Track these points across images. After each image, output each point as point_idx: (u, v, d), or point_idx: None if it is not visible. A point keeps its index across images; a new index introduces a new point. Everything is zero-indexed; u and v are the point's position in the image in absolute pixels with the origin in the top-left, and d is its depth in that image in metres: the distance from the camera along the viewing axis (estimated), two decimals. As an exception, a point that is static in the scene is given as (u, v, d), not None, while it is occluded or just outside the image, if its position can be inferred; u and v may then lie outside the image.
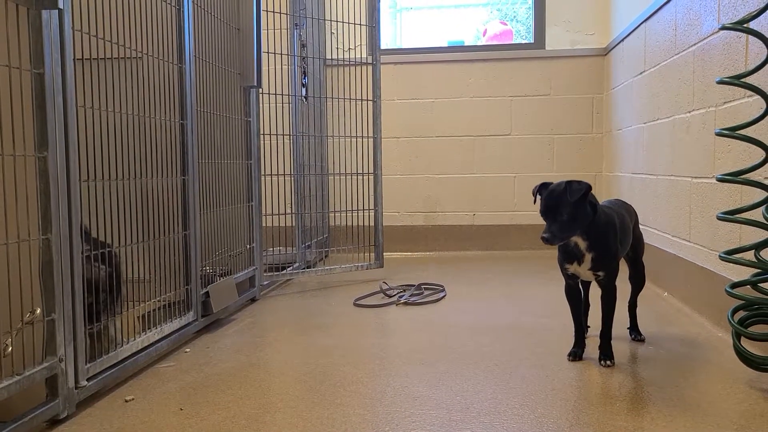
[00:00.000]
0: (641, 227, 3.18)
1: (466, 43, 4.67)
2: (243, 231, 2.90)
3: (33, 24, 1.48)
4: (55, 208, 1.53)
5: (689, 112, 2.60)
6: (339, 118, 4.18)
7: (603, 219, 1.86)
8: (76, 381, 1.61)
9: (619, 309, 2.02)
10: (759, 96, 1.73)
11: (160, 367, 1.99)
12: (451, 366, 1.95)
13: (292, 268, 3.48)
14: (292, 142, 3.61)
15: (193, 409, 1.64)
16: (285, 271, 3.35)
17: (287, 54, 3.52)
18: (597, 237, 1.85)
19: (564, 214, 1.75)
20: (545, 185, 1.82)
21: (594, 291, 2.05)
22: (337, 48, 4.34)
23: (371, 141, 3.61)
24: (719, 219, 1.82)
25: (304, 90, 3.64)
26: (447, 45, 4.56)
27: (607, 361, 1.92)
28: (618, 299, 1.96)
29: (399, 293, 3.02)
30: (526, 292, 3.05)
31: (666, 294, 2.86)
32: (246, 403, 1.68)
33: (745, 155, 2.08)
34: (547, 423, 1.52)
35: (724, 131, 1.78)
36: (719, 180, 1.80)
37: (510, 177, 4.35)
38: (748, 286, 1.77)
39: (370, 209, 3.64)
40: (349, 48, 4.32)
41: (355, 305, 2.84)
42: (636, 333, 2.19)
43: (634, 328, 2.21)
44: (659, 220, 3.02)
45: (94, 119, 1.73)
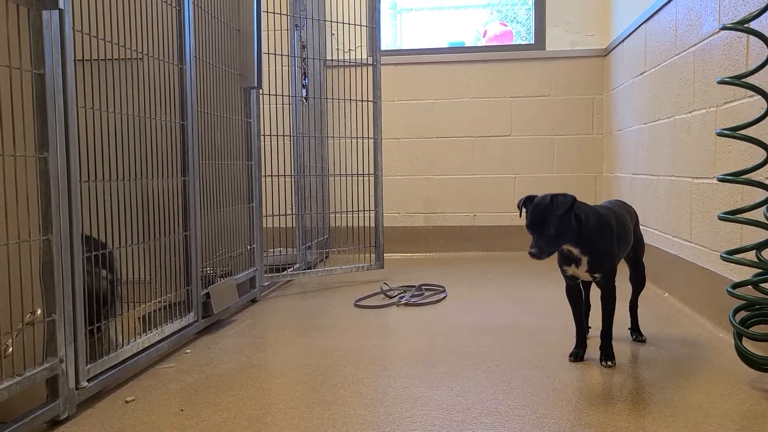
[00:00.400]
0: (642, 228, 3.17)
1: (466, 44, 4.67)
2: (243, 232, 2.90)
3: (34, 24, 1.48)
4: (56, 208, 1.53)
5: (690, 112, 2.60)
6: (339, 119, 4.18)
7: (597, 222, 1.85)
8: (76, 382, 1.61)
9: (620, 310, 2.02)
10: (760, 96, 1.72)
11: (160, 368, 1.98)
12: (452, 367, 1.95)
13: (292, 269, 3.48)
14: (292, 143, 3.61)
15: (194, 410, 1.64)
16: (285, 272, 3.35)
17: (287, 55, 3.52)
18: (590, 241, 1.84)
19: (551, 228, 1.74)
20: (530, 198, 1.80)
21: (595, 291, 2.05)
22: (338, 49, 4.34)
23: (372, 142, 3.61)
24: (720, 219, 1.81)
25: (304, 91, 3.64)
26: (447, 46, 4.56)
27: (608, 362, 1.92)
28: (618, 300, 1.96)
29: (400, 294, 3.02)
30: (526, 292, 3.05)
31: (667, 294, 2.86)
32: (247, 404, 1.67)
33: (746, 155, 2.08)
34: (549, 424, 1.51)
35: (725, 131, 1.78)
36: (720, 180, 1.80)
37: (510, 178, 4.35)
38: (749, 286, 1.77)
39: (370, 210, 3.64)
40: (350, 49, 4.32)
41: (356, 306, 2.83)
42: (637, 333, 2.19)
43: (635, 328, 2.20)
44: (660, 220, 3.02)
45: (94, 120, 1.73)
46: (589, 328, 2.20)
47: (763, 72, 1.79)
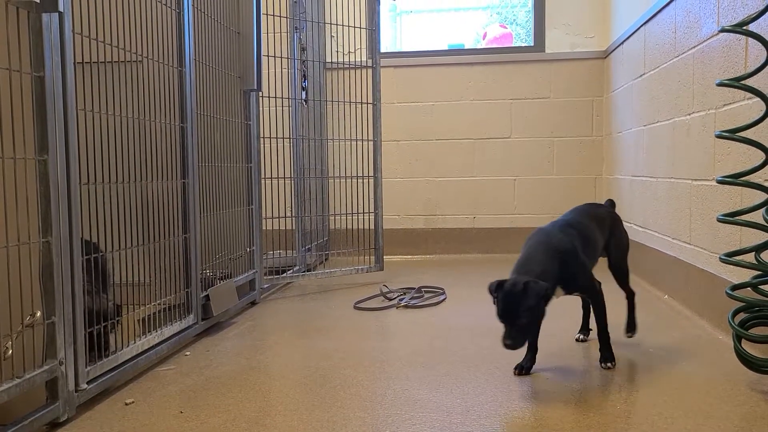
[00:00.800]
0: (641, 230, 3.15)
1: (466, 47, 4.67)
2: (243, 234, 2.90)
3: (33, 27, 1.48)
4: (56, 211, 1.53)
5: (689, 114, 2.60)
6: (339, 121, 4.18)
7: (554, 258, 1.78)
8: (76, 384, 1.61)
9: (619, 315, 2.02)
10: (759, 98, 1.73)
11: (160, 370, 1.98)
12: (452, 369, 1.95)
13: (292, 271, 3.48)
14: (292, 145, 3.61)
15: (194, 412, 1.64)
16: (285, 275, 3.35)
17: (287, 57, 3.53)
18: (557, 278, 1.78)
19: (523, 317, 1.68)
20: (501, 284, 1.72)
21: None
22: (337, 51, 4.35)
23: (371, 144, 3.62)
24: (719, 221, 1.82)
25: (304, 93, 3.64)
26: (447, 48, 4.56)
27: (608, 363, 1.92)
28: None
29: (399, 296, 3.02)
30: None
31: (666, 296, 2.86)
32: (246, 406, 1.67)
33: (745, 157, 2.09)
34: (549, 426, 1.51)
35: (724, 133, 1.78)
36: (719, 182, 1.80)
37: (510, 180, 4.35)
38: (748, 288, 1.77)
39: (370, 212, 3.64)
40: (349, 51, 4.32)
41: (356, 308, 2.83)
42: (628, 327, 2.15)
43: (629, 320, 2.16)
44: (659, 222, 3.02)
45: (94, 122, 1.73)
46: (591, 330, 2.20)
47: (762, 74, 1.80)
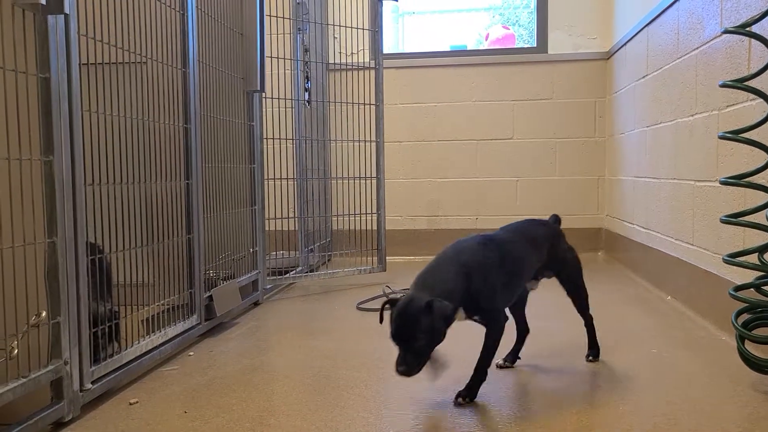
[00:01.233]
0: (644, 231, 3.15)
1: (468, 48, 4.68)
2: (246, 235, 2.91)
3: (39, 29, 1.49)
4: (61, 211, 1.54)
5: (692, 115, 2.60)
6: (342, 122, 4.18)
7: (460, 275, 1.57)
8: (81, 384, 1.61)
9: (620, 317, 2.01)
10: (762, 99, 1.73)
11: (164, 371, 1.99)
12: (455, 369, 1.95)
13: (295, 271, 3.49)
14: (294, 146, 3.61)
15: (197, 412, 1.64)
16: (288, 275, 3.35)
17: (290, 59, 3.53)
18: (460, 299, 1.57)
19: (422, 339, 1.47)
20: (393, 301, 1.51)
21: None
22: (340, 52, 4.35)
23: (374, 145, 3.62)
24: (723, 222, 1.82)
25: (306, 94, 3.65)
26: (449, 49, 4.57)
27: (463, 399, 1.65)
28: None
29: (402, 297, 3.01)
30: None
31: (669, 297, 2.86)
32: (249, 406, 1.68)
33: (749, 158, 2.09)
34: (553, 427, 1.52)
35: (727, 134, 1.79)
36: (722, 183, 1.80)
37: (513, 181, 4.35)
38: (751, 289, 1.77)
39: (372, 213, 3.64)
40: (352, 52, 4.33)
41: (358, 309, 2.84)
42: (592, 350, 1.97)
43: (591, 344, 1.98)
44: (662, 223, 3.02)
45: (99, 123, 1.74)
46: (519, 358, 1.99)
47: (765, 75, 1.79)
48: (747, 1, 2.09)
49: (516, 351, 1.98)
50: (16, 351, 1.45)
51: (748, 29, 1.72)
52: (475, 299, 1.59)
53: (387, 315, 1.56)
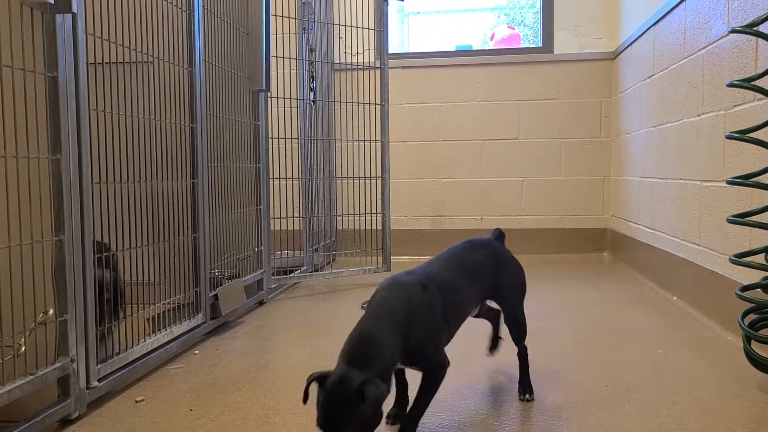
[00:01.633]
0: (650, 231, 3.14)
1: (473, 48, 4.68)
2: (251, 234, 2.91)
3: (47, 28, 1.50)
4: (68, 209, 1.55)
5: (699, 115, 2.59)
6: (347, 122, 4.19)
7: (397, 333, 1.37)
8: (87, 381, 1.62)
9: (622, 319, 2.00)
10: (769, 99, 1.72)
11: (169, 369, 2.00)
12: (458, 369, 1.95)
13: (299, 271, 3.49)
14: (300, 145, 3.62)
15: (203, 410, 1.65)
16: (293, 275, 3.36)
17: (296, 58, 3.54)
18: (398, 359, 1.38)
19: (352, 428, 1.23)
20: (322, 380, 1.26)
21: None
22: (345, 52, 4.36)
23: (379, 145, 3.62)
24: (729, 222, 1.81)
25: (312, 94, 3.66)
26: (455, 49, 4.57)
27: None
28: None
29: (407, 296, 3.01)
30: (530, 295, 3.04)
31: (675, 298, 2.85)
32: (255, 405, 1.68)
33: (755, 158, 2.08)
34: (557, 429, 1.52)
35: (734, 134, 1.78)
36: (729, 183, 1.80)
37: (518, 181, 4.35)
38: (758, 289, 1.77)
39: (377, 213, 3.64)
40: (357, 52, 4.33)
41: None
42: (525, 388, 1.72)
43: (523, 382, 1.74)
44: (668, 223, 3.01)
45: (106, 122, 1.75)
46: (500, 338, 1.91)
47: (772, 75, 1.79)
48: (754, 1, 2.08)
49: (495, 336, 1.90)
50: (23, 348, 1.45)
51: (755, 29, 1.71)
52: (417, 353, 1.41)
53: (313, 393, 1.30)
